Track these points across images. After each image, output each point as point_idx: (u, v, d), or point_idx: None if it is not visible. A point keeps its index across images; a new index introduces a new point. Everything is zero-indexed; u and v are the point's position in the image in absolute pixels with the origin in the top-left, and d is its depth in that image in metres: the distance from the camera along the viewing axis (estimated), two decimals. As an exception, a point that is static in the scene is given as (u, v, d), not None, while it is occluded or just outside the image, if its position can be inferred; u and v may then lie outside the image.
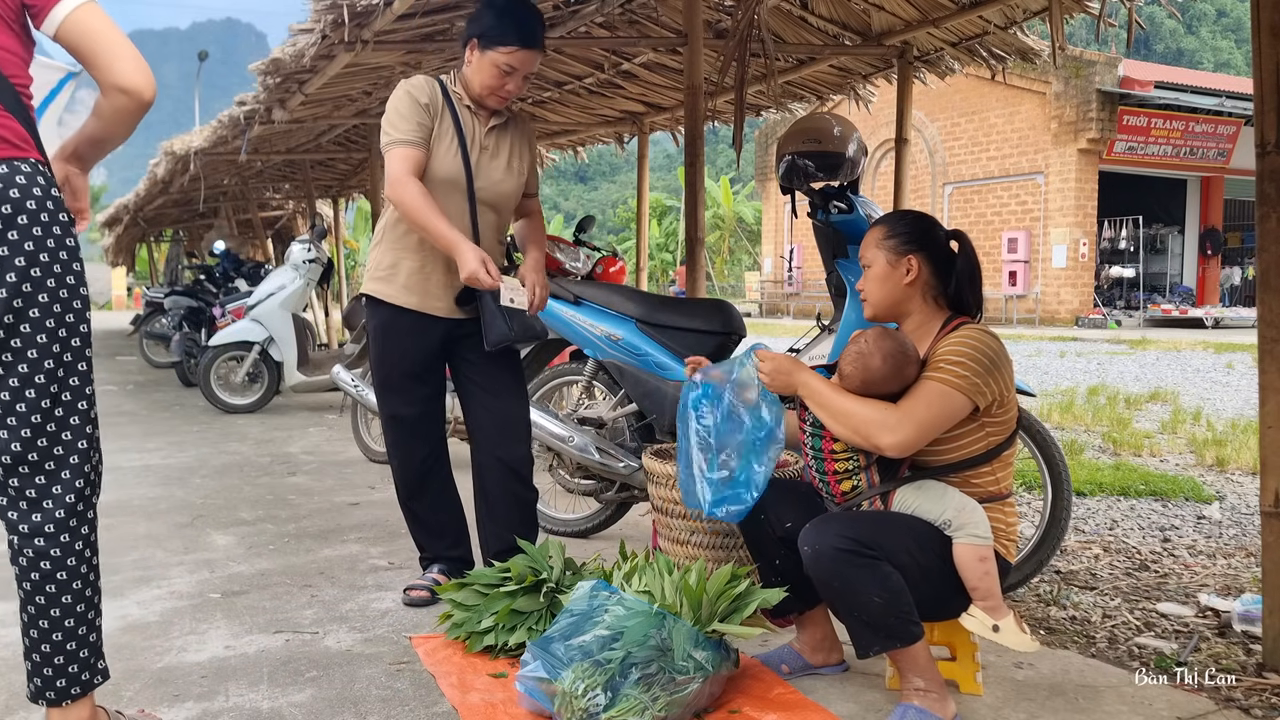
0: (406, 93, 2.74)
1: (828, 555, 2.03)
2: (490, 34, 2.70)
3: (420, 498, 2.99)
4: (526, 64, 2.75)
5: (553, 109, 7.25)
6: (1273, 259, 2.37)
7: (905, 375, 2.15)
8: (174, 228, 18.16)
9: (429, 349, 2.86)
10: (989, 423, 2.16)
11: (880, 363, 2.15)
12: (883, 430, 2.08)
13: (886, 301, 2.27)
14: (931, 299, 2.25)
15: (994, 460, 2.18)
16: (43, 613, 1.77)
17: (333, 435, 6.47)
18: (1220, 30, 68.14)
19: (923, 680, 2.08)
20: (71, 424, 1.79)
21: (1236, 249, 23.37)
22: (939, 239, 2.27)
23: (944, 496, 2.15)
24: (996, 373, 2.12)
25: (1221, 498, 4.51)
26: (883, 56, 5.30)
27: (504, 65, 2.71)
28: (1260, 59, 2.35)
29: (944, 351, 2.13)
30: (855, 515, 2.18)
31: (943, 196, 22.24)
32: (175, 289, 10.31)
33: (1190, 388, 8.75)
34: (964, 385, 2.08)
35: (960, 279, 2.24)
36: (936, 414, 2.08)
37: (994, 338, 2.16)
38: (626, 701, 1.99)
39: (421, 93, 2.74)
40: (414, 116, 2.71)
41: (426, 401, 2.91)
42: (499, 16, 2.71)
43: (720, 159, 55.56)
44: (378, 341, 2.88)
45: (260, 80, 5.47)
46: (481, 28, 2.73)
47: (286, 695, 2.27)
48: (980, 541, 2.10)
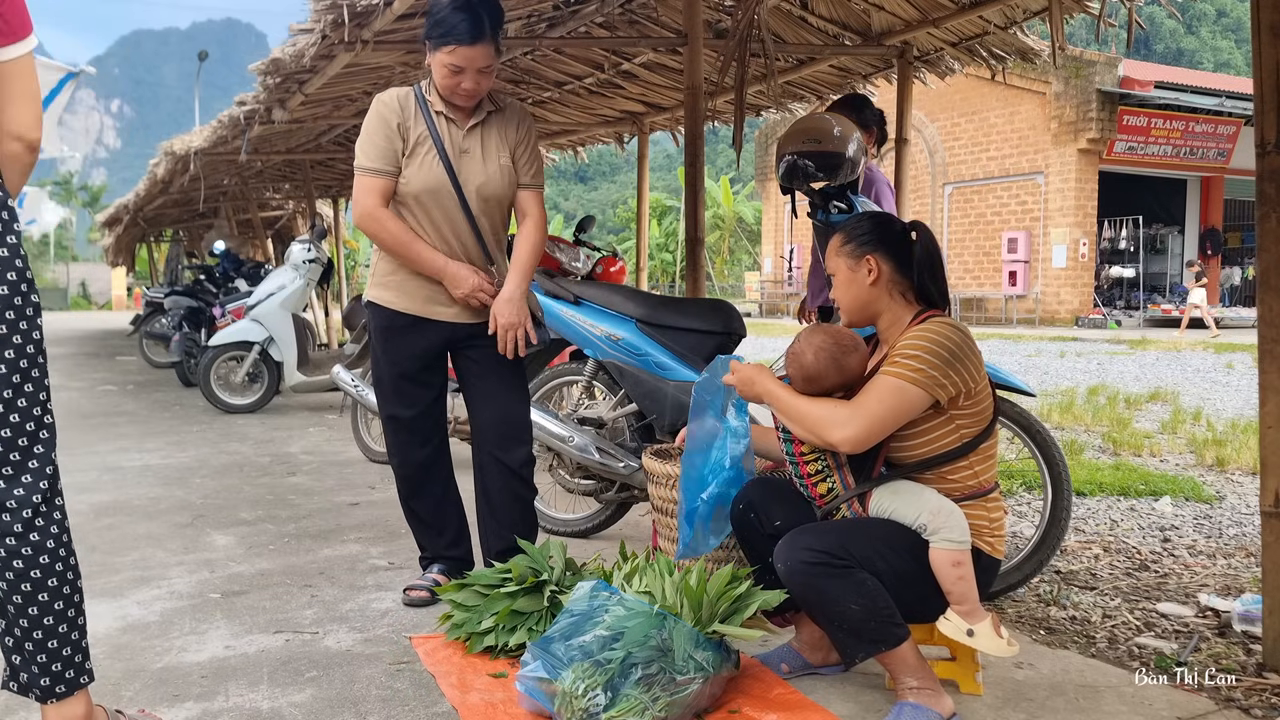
0: (377, 113, 2.73)
1: (799, 570, 2.05)
2: (433, 33, 2.68)
3: (421, 497, 2.98)
4: (474, 60, 2.66)
5: (553, 109, 7.25)
6: (1273, 259, 2.37)
7: (846, 366, 2.18)
8: (174, 228, 18.16)
9: (430, 350, 2.87)
10: (958, 416, 2.15)
11: (812, 358, 2.19)
12: (833, 426, 2.10)
13: (855, 306, 2.27)
14: (899, 295, 2.25)
15: (970, 454, 2.17)
16: (21, 611, 1.76)
17: (333, 435, 6.47)
18: (1220, 30, 68.14)
19: (915, 679, 2.08)
20: (34, 417, 1.77)
21: (1236, 249, 23.37)
22: (896, 235, 2.26)
23: (919, 499, 2.14)
24: (958, 365, 2.10)
25: (1221, 497, 4.51)
26: (883, 56, 5.30)
27: (450, 65, 2.66)
28: (1260, 59, 2.35)
29: (901, 345, 2.14)
30: (826, 526, 2.19)
31: (943, 196, 22.24)
32: (175, 289, 10.30)
33: (1190, 388, 8.75)
34: (919, 379, 2.08)
35: (920, 270, 2.24)
36: (889, 409, 2.08)
37: (956, 329, 2.15)
38: (627, 702, 1.99)
39: (392, 111, 2.73)
40: (382, 140, 2.71)
41: (428, 403, 2.91)
42: (441, 15, 2.66)
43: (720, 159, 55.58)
44: (379, 344, 2.88)
45: (260, 80, 5.47)
46: (428, 28, 2.70)
47: (286, 695, 2.27)
48: (954, 546, 2.09)
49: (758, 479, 2.41)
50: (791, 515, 2.26)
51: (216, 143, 7.62)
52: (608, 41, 5.51)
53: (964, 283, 21.77)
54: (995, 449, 2.25)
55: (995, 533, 2.20)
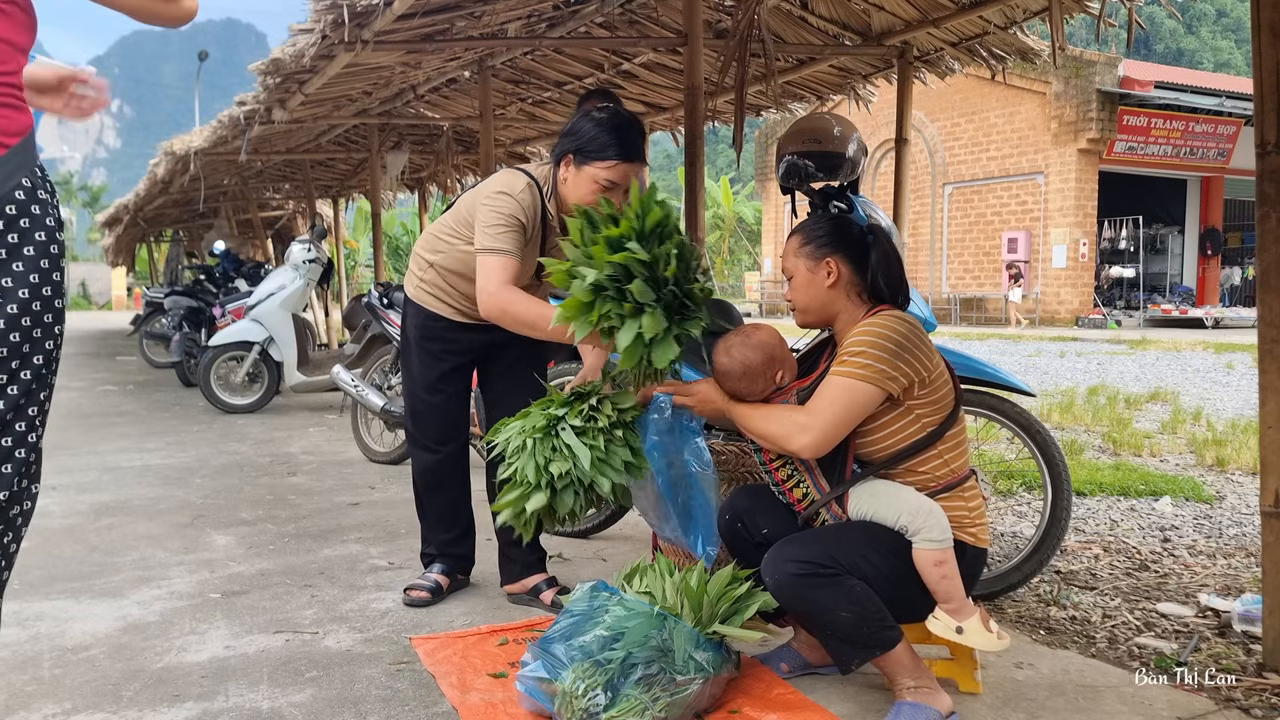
0: (515, 214, 2.63)
1: (787, 583, 2.06)
2: (588, 148, 2.60)
3: (437, 494, 3.00)
4: (627, 177, 2.62)
5: (553, 109, 7.26)
6: (1273, 259, 2.37)
7: (760, 342, 2.25)
8: (174, 228, 18.16)
9: (462, 350, 2.91)
10: (917, 406, 2.15)
11: (726, 359, 2.25)
12: (790, 436, 2.12)
13: (813, 306, 2.28)
14: (856, 296, 2.26)
15: (938, 443, 2.17)
16: None
17: (333, 435, 6.47)
18: (1220, 30, 68.17)
19: (912, 679, 2.09)
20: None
21: (1236, 249, 23.38)
22: (855, 238, 2.27)
23: (897, 499, 2.14)
24: (906, 355, 2.11)
25: (1221, 497, 4.51)
26: (883, 56, 5.30)
27: (604, 180, 2.60)
28: (1260, 59, 2.35)
29: (847, 343, 2.15)
30: (810, 535, 2.19)
31: (943, 196, 22.24)
32: (175, 289, 10.30)
33: (1190, 388, 8.75)
34: (868, 375, 2.09)
35: (875, 271, 2.25)
36: (844, 408, 2.09)
37: (902, 320, 2.16)
38: (627, 702, 2.00)
39: (526, 217, 2.67)
40: (517, 232, 2.64)
41: (456, 401, 2.95)
42: (597, 129, 2.61)
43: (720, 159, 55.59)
44: (417, 340, 2.91)
45: (260, 80, 5.47)
46: (578, 142, 2.62)
47: (286, 695, 2.27)
48: (936, 546, 2.09)
49: (743, 488, 2.44)
50: (778, 524, 2.27)
51: (216, 143, 7.63)
52: (608, 41, 5.51)
53: (964, 283, 21.77)
54: (964, 436, 2.25)
55: (976, 522, 2.20)
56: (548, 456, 2.26)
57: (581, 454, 2.23)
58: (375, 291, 5.96)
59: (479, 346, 2.92)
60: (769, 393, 2.28)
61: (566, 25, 5.09)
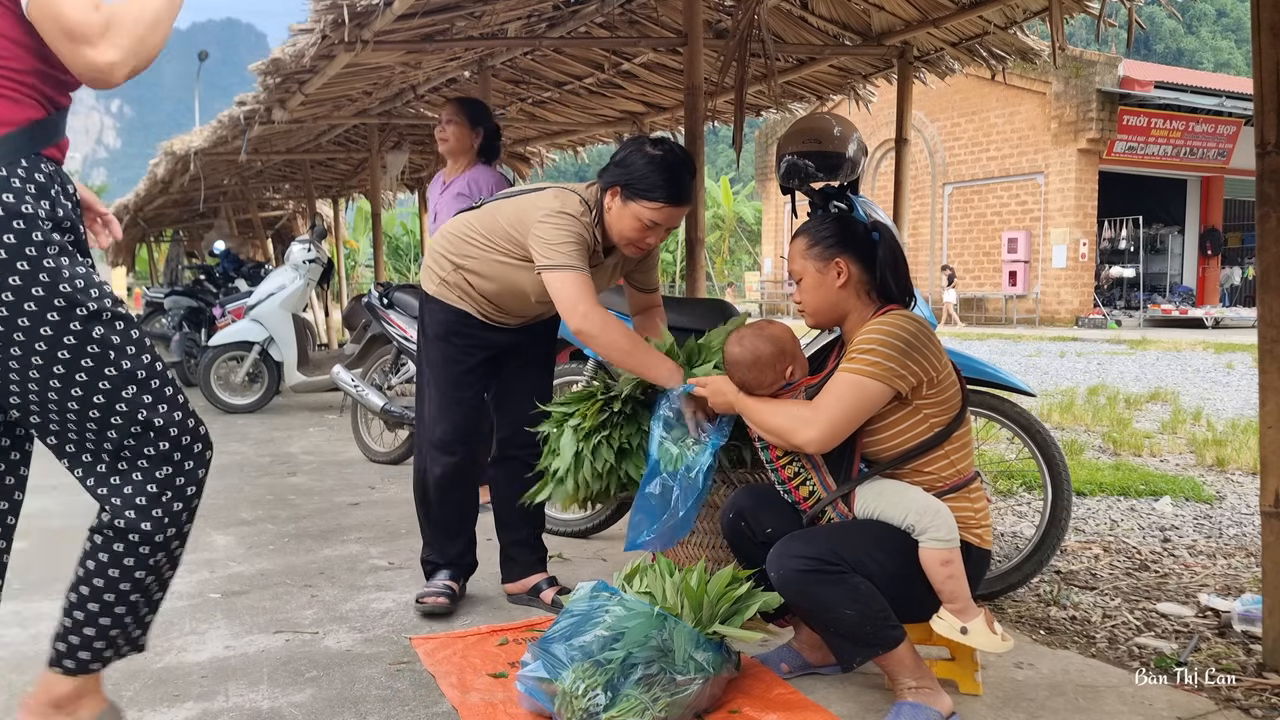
0: (581, 233, 2.58)
1: (792, 579, 2.06)
2: (637, 185, 2.54)
3: (450, 499, 2.92)
4: (672, 220, 2.59)
5: (553, 109, 7.26)
6: (1273, 259, 2.37)
7: (772, 335, 2.29)
8: (174, 228, 18.15)
9: (486, 345, 2.87)
10: (924, 406, 2.15)
11: (738, 348, 2.29)
12: (796, 430, 2.13)
13: (824, 308, 2.28)
14: (865, 295, 2.26)
15: (944, 444, 2.17)
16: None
17: (333, 435, 6.47)
18: (1220, 30, 68.20)
19: (913, 679, 2.09)
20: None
21: (1236, 249, 23.38)
22: (861, 236, 2.28)
23: (904, 499, 2.14)
24: (916, 354, 2.11)
25: (1221, 497, 4.51)
26: (883, 56, 5.30)
27: (648, 220, 2.56)
28: (1260, 59, 2.35)
29: (857, 341, 2.16)
30: (816, 531, 2.19)
31: (943, 196, 22.25)
32: (175, 289, 10.30)
33: (1190, 388, 8.75)
34: (876, 372, 2.09)
35: (883, 269, 2.25)
36: (850, 404, 2.10)
37: (911, 320, 2.16)
38: (627, 702, 1.99)
39: (587, 236, 2.62)
40: (582, 249, 2.59)
41: (473, 403, 2.90)
42: (649, 167, 2.54)
43: (720, 159, 55.61)
44: (438, 338, 2.86)
45: (260, 80, 5.47)
46: (628, 175, 2.56)
47: (286, 695, 2.27)
48: (942, 545, 2.09)
49: (747, 487, 2.43)
50: (781, 522, 2.26)
51: (216, 143, 7.62)
52: (608, 41, 5.51)
53: (964, 283, 21.77)
54: (969, 437, 2.25)
55: (981, 523, 2.20)
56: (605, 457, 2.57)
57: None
58: (375, 291, 5.95)
59: (497, 345, 2.89)
60: (778, 388, 2.29)
61: (566, 25, 5.09)
